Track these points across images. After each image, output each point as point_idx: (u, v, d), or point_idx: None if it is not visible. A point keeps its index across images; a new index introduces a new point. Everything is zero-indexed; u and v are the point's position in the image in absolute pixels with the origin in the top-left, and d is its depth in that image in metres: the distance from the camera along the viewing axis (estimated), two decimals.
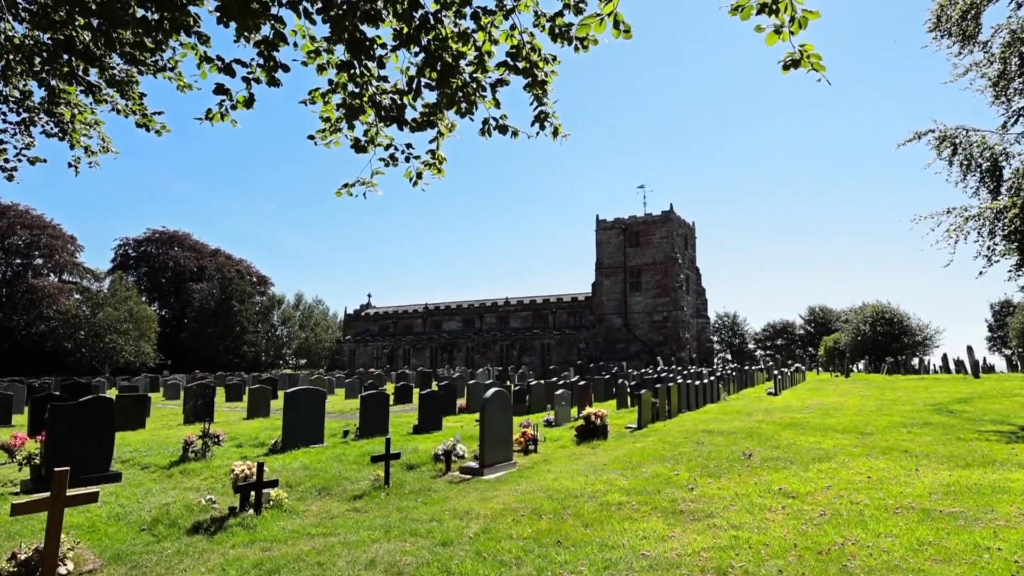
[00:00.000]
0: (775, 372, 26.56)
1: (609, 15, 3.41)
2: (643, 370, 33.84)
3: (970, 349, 32.20)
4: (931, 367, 38.67)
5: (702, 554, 4.88)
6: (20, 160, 6.00)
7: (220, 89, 4.04)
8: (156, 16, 3.74)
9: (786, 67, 3.31)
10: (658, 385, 16.27)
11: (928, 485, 6.94)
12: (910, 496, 6.48)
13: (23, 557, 4.59)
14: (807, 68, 3.26)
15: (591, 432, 11.02)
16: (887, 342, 43.70)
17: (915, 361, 40.27)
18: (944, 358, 36.83)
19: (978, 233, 13.18)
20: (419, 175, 4.70)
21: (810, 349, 67.78)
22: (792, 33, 3.18)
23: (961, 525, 5.41)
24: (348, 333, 66.40)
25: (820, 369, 45.56)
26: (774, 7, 3.14)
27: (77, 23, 3.98)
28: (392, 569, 4.74)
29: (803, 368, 33.84)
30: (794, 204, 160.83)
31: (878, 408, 15.30)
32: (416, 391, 21.90)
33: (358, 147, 4.50)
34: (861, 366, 46.50)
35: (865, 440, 10.25)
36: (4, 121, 5.74)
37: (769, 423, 12.62)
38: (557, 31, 3.98)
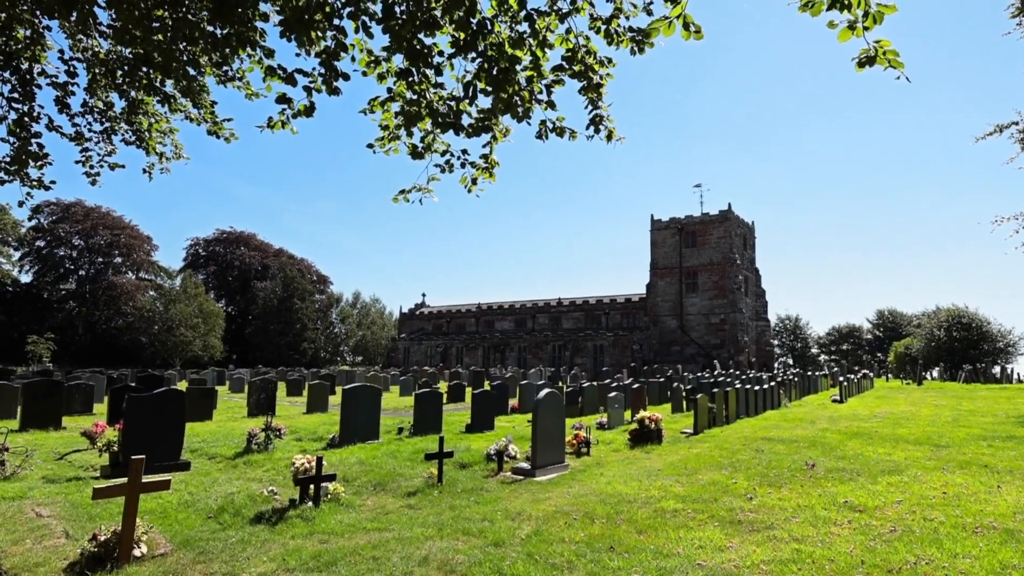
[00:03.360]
0: (840, 378, 25.42)
1: (678, 17, 3.31)
2: (699, 373, 33.03)
3: None
4: (1015, 376, 36.11)
5: (761, 567, 4.72)
6: (102, 166, 6.40)
7: (282, 99, 4.18)
8: (224, 31, 3.91)
9: (860, 64, 3.15)
10: (715, 389, 15.84)
11: (1012, 504, 6.47)
12: (991, 515, 6.06)
13: (103, 539, 4.89)
14: (883, 65, 3.09)
15: (645, 436, 10.84)
16: (964, 349, 40.96)
17: (996, 369, 37.69)
18: None
19: None
20: (474, 181, 4.72)
21: (879, 355, 64.42)
22: (866, 29, 3.02)
23: None
24: (403, 331, 67.75)
25: (889, 376, 43.29)
26: (846, 2, 2.99)
27: (154, 38, 4.20)
28: (445, 567, 4.80)
29: (871, 375, 32.20)
30: (860, 204, 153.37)
31: (954, 419, 14.38)
32: (469, 390, 22.11)
33: (415, 154, 4.56)
34: (935, 374, 43.84)
35: (940, 453, 9.66)
36: (89, 131, 6.13)
37: (834, 432, 12.07)
38: (613, 34, 3.92)
